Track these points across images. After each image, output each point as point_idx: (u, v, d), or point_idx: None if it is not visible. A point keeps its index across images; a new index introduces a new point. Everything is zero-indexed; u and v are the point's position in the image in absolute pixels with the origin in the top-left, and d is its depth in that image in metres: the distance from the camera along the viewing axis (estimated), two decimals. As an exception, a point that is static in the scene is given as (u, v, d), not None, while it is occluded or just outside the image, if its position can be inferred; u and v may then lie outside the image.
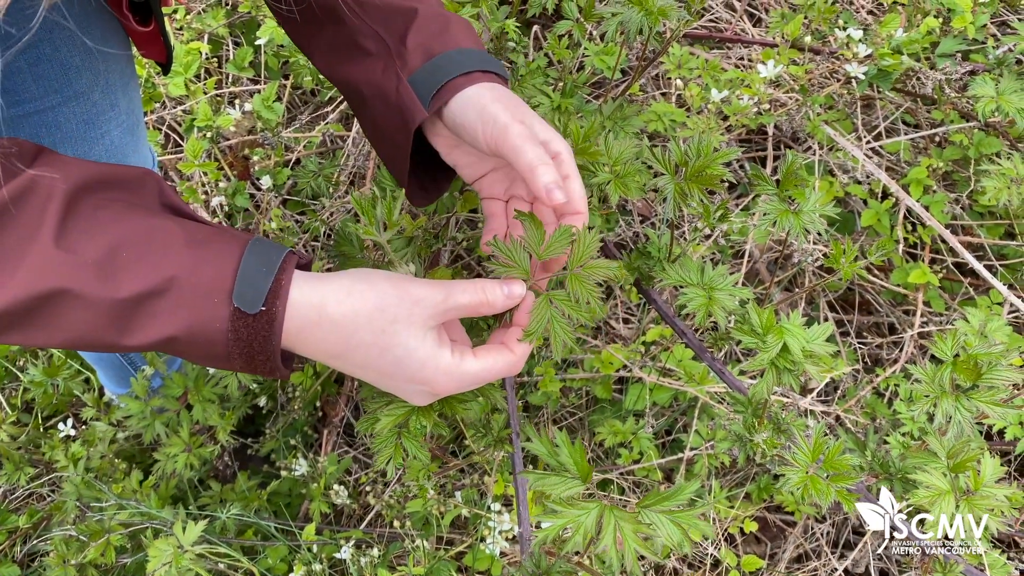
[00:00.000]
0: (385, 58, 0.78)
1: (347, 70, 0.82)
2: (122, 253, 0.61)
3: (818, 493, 0.75)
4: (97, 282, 0.60)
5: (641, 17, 0.97)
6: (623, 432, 1.41)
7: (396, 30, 0.78)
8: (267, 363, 0.65)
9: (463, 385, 0.69)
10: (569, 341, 0.70)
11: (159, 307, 0.61)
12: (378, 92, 0.78)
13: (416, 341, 0.66)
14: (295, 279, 0.65)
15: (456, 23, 0.80)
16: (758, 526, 1.49)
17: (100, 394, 1.51)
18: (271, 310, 0.63)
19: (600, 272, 0.72)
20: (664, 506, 0.67)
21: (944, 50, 1.46)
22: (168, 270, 0.61)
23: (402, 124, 0.77)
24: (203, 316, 0.62)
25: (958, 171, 1.62)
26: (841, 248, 0.90)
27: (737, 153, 0.81)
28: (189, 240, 0.64)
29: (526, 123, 0.72)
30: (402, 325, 0.66)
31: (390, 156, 0.83)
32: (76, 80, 0.96)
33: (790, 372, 0.80)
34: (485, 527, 1.25)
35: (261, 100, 1.51)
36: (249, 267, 0.63)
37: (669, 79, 1.72)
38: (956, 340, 0.79)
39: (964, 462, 0.82)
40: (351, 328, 0.65)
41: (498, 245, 0.72)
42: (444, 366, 0.67)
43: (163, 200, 0.69)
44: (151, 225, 0.64)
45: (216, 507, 1.39)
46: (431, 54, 0.76)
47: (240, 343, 0.63)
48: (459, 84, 0.74)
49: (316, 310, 0.65)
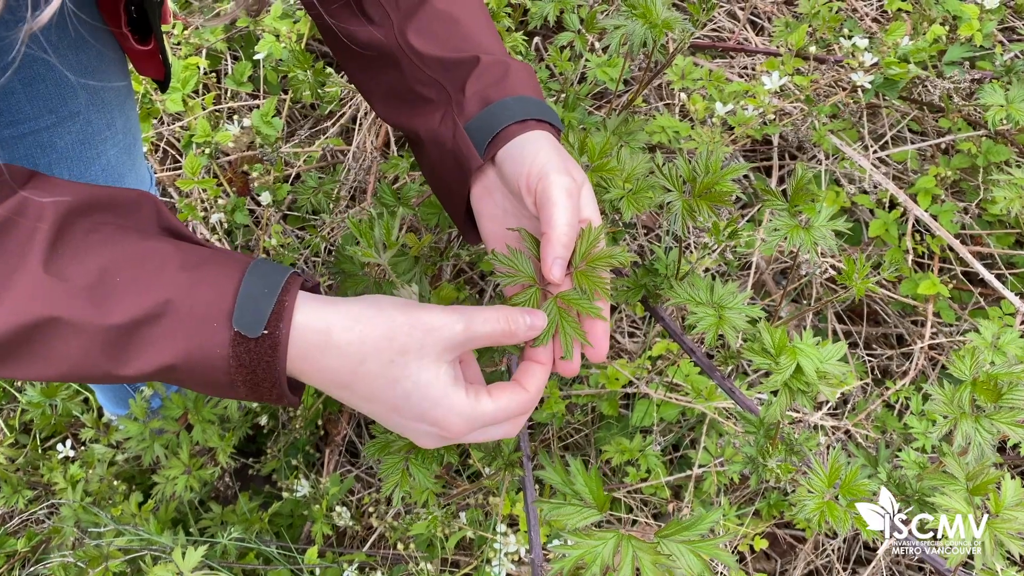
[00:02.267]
0: (444, 105, 0.77)
1: (406, 116, 0.81)
2: (115, 277, 0.59)
3: (835, 520, 0.72)
4: (89, 308, 0.57)
5: (645, 30, 0.95)
6: (630, 450, 1.38)
7: (457, 78, 0.77)
8: (273, 390, 0.62)
9: (474, 428, 0.64)
10: (580, 338, 0.68)
11: (155, 333, 0.58)
12: (434, 138, 0.77)
13: (428, 375, 0.62)
14: (299, 302, 0.62)
15: (516, 70, 0.78)
16: (768, 543, 1.47)
17: (99, 415, 1.49)
18: (274, 333, 0.59)
19: (604, 262, 0.69)
20: (684, 536, 0.65)
21: (951, 58, 1.44)
22: (163, 293, 0.58)
23: (457, 169, 0.75)
24: (202, 342, 0.59)
25: (966, 180, 1.60)
26: (854, 264, 0.88)
27: (746, 168, 0.79)
28: (185, 262, 0.61)
29: (576, 180, 0.70)
30: (413, 356, 0.61)
31: (446, 198, 0.81)
32: (72, 100, 0.94)
33: (804, 394, 0.77)
34: (491, 549, 1.22)
35: (260, 115, 1.49)
36: (250, 289, 0.60)
37: (672, 90, 1.70)
38: (975, 359, 0.76)
39: (983, 484, 0.80)
40: (358, 357, 0.61)
41: (497, 256, 0.71)
42: (458, 407, 0.62)
43: (161, 223, 0.67)
44: (145, 248, 0.61)
45: (217, 529, 1.37)
46: (488, 101, 0.75)
47: (243, 369, 0.60)
48: (513, 132, 0.73)
49: (322, 335, 0.61)
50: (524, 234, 0.72)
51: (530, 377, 0.67)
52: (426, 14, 0.80)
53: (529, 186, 0.70)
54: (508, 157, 0.73)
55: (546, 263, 0.67)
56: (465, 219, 0.80)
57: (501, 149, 0.73)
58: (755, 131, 1.40)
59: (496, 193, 0.77)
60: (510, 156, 0.73)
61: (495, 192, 0.77)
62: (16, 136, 0.92)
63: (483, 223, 0.78)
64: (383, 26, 0.80)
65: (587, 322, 0.70)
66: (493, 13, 1.43)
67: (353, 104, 1.71)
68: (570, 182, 0.69)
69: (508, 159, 0.73)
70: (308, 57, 1.44)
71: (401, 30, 0.79)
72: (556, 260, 0.67)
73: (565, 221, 0.67)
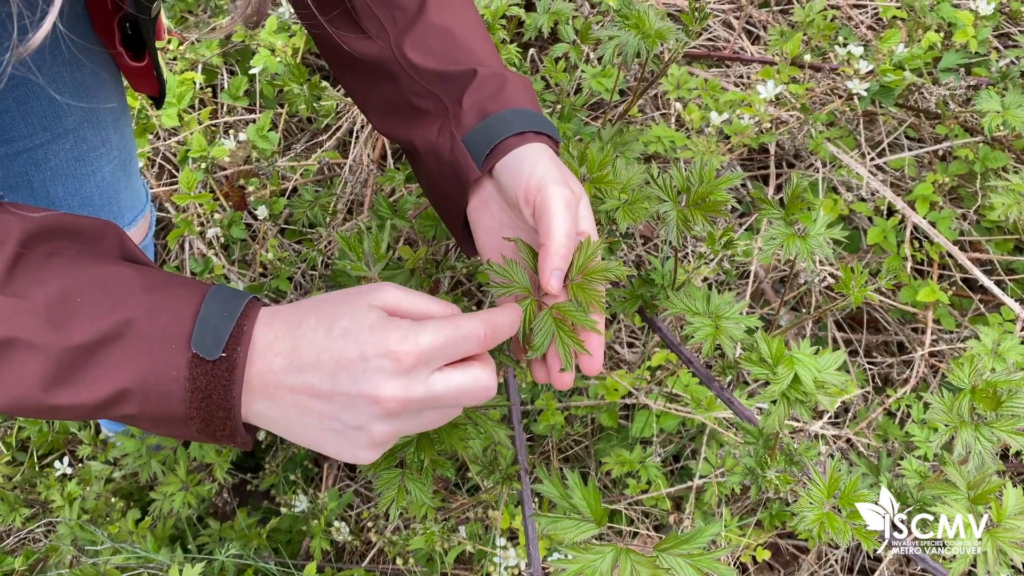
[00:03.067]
0: (441, 118, 0.77)
1: (403, 128, 0.81)
2: (75, 299, 0.57)
3: (835, 531, 0.72)
4: (47, 329, 0.56)
5: (638, 40, 0.95)
6: (630, 461, 1.37)
7: (454, 91, 0.77)
8: (226, 422, 0.59)
9: (427, 353, 0.59)
10: (579, 348, 0.67)
11: (113, 354, 0.57)
12: (432, 150, 0.77)
13: (362, 312, 0.60)
14: (259, 319, 0.61)
15: (513, 82, 0.78)
16: (770, 553, 1.45)
17: (97, 431, 1.48)
18: (231, 356, 0.58)
19: (600, 276, 0.69)
20: (683, 549, 0.64)
21: (947, 64, 1.44)
22: (123, 313, 0.57)
23: (455, 181, 0.75)
24: (159, 363, 0.57)
25: (964, 186, 1.60)
26: (851, 272, 0.88)
27: (741, 178, 0.79)
28: (147, 285, 0.60)
29: (574, 192, 0.70)
30: (349, 304, 0.61)
31: (443, 210, 0.81)
32: (66, 117, 0.94)
33: (802, 403, 0.77)
34: (491, 563, 1.21)
35: (256, 129, 1.49)
36: (210, 312, 0.59)
37: (668, 99, 1.70)
38: (974, 367, 0.76)
39: (984, 494, 0.79)
40: (297, 319, 0.61)
41: (493, 267, 0.70)
42: (401, 327, 0.59)
43: (124, 253, 0.66)
44: (107, 271, 0.61)
45: (215, 546, 1.36)
46: (485, 114, 0.75)
47: (198, 394, 0.58)
48: (510, 144, 0.73)
49: (269, 316, 0.61)
50: (520, 244, 0.71)
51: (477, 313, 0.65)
52: (423, 27, 0.80)
53: (528, 198, 0.70)
54: (506, 169, 0.73)
55: (544, 274, 0.67)
56: (463, 231, 0.80)
57: (499, 162, 0.73)
58: (751, 140, 1.40)
59: (493, 205, 0.77)
60: (508, 168, 0.73)
61: (492, 204, 0.77)
62: (10, 154, 0.92)
63: (480, 235, 0.78)
64: (380, 39, 0.80)
65: (582, 334, 0.70)
66: (488, 25, 1.44)
67: (349, 117, 1.71)
68: (568, 194, 0.69)
69: (506, 171, 0.73)
70: (304, 71, 1.44)
71: (398, 43, 0.79)
72: (554, 271, 0.67)
73: (563, 232, 0.67)
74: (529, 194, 0.70)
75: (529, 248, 0.71)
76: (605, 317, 0.72)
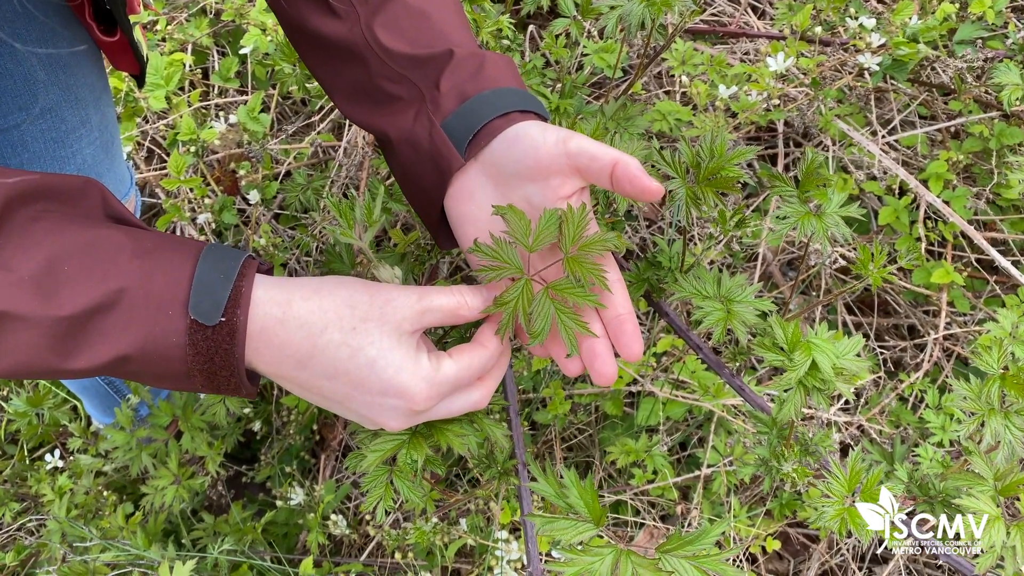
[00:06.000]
0: (417, 103, 0.71)
1: (373, 115, 0.75)
2: (63, 267, 0.56)
3: (857, 528, 0.67)
4: (37, 300, 0.54)
5: (643, 9, 0.90)
6: (636, 451, 1.33)
7: (430, 75, 0.71)
8: (231, 379, 0.60)
9: (441, 394, 0.62)
10: (582, 329, 0.63)
11: (108, 323, 0.56)
12: (408, 138, 0.71)
13: (392, 341, 0.61)
14: (257, 282, 0.61)
15: (492, 61, 0.72)
16: (780, 543, 1.42)
17: (87, 423, 1.44)
18: (231, 320, 0.58)
19: (598, 247, 0.65)
20: (687, 550, 0.60)
21: (963, 37, 1.39)
22: (115, 282, 0.56)
23: (435, 171, 0.70)
24: (157, 331, 0.57)
25: (979, 164, 1.55)
26: (869, 253, 0.83)
27: (754, 152, 0.74)
28: (137, 249, 0.58)
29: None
30: (374, 324, 0.61)
31: (419, 202, 0.75)
32: (43, 95, 0.90)
33: (819, 391, 0.72)
34: (492, 556, 1.18)
35: (246, 111, 1.44)
36: (204, 275, 0.58)
37: (672, 76, 1.65)
38: (1002, 351, 0.71)
39: (1012, 485, 0.75)
40: (320, 326, 0.60)
41: (480, 247, 0.65)
42: (423, 371, 0.61)
43: (108, 210, 0.63)
44: (94, 235, 0.58)
45: (209, 540, 1.32)
46: (465, 96, 0.70)
47: (200, 358, 0.58)
48: (497, 127, 0.68)
49: (281, 307, 0.60)
50: (511, 215, 0.66)
51: (487, 335, 0.66)
52: (395, 8, 0.74)
53: (549, 155, 0.66)
54: (503, 147, 0.68)
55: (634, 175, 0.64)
56: (439, 223, 0.75)
57: (487, 147, 0.68)
58: (759, 116, 1.35)
59: (478, 194, 0.71)
60: (505, 145, 0.68)
61: (477, 194, 0.71)
62: (-17, 135, 0.88)
63: (463, 227, 0.72)
64: (348, 20, 0.74)
65: (614, 321, 0.67)
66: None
67: (344, 98, 1.66)
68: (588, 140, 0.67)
69: (503, 148, 0.68)
70: (294, 51, 1.39)
71: (368, 25, 0.73)
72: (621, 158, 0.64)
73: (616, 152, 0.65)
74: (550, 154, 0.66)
75: (522, 216, 0.66)
76: (625, 291, 0.68)
